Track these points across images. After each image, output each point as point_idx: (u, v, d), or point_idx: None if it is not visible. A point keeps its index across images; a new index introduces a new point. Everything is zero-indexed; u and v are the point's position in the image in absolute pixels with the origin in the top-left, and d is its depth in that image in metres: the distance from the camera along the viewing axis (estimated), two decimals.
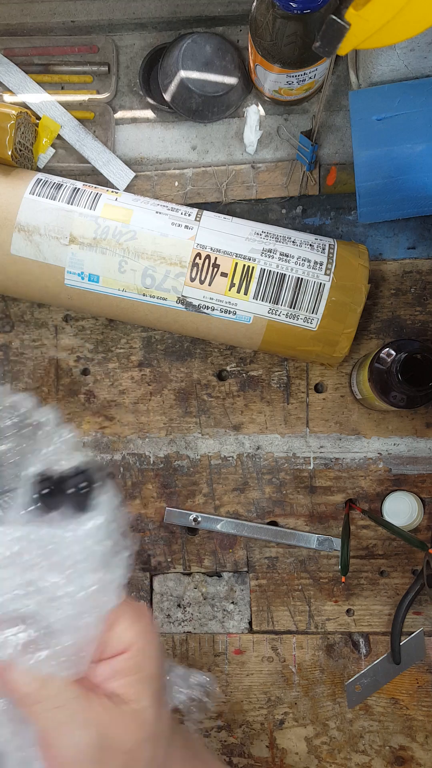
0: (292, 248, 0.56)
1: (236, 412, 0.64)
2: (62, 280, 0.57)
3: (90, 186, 0.59)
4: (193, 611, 0.64)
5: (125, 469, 0.65)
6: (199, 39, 0.61)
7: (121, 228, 0.56)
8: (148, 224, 0.56)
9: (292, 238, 0.57)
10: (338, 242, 0.58)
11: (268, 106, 0.64)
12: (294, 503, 0.64)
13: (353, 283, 0.56)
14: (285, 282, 0.55)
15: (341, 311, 0.56)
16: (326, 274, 0.56)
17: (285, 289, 0.55)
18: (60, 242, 0.56)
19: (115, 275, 0.56)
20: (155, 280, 0.56)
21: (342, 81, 0.63)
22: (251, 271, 0.55)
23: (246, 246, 0.56)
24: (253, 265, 0.55)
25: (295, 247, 0.57)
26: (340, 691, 0.63)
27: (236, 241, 0.56)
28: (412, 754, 0.62)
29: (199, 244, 0.56)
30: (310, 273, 0.56)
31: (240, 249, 0.56)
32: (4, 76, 0.64)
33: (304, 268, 0.56)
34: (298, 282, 0.55)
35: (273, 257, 0.56)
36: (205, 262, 0.55)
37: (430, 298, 0.63)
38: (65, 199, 0.57)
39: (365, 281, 0.56)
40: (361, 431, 0.64)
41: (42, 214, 0.56)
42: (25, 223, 0.56)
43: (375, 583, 0.63)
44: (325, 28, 0.43)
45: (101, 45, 0.65)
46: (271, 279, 0.55)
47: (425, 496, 0.63)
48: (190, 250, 0.56)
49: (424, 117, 0.58)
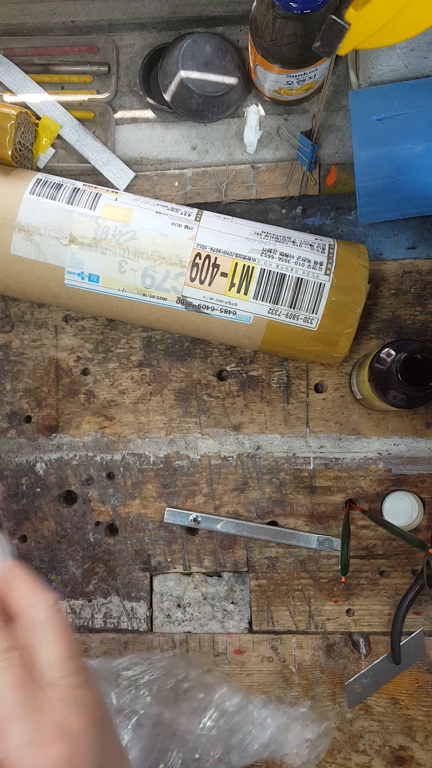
0: (292, 248, 0.56)
1: (236, 412, 0.64)
2: (62, 280, 0.57)
3: (90, 186, 0.59)
4: (193, 611, 0.64)
5: (125, 469, 0.65)
6: (199, 39, 0.61)
7: (121, 228, 0.56)
8: (148, 224, 0.56)
9: (292, 238, 0.57)
10: (338, 242, 0.58)
11: (268, 106, 0.64)
12: (294, 503, 0.64)
13: (353, 283, 0.56)
14: (285, 282, 0.55)
15: (341, 311, 0.56)
16: (326, 274, 0.55)
17: (285, 289, 0.55)
18: (60, 242, 0.56)
19: (115, 275, 0.56)
20: (155, 280, 0.56)
21: (342, 81, 0.63)
22: (251, 271, 0.55)
23: (246, 246, 0.56)
24: (253, 265, 0.55)
25: (295, 247, 0.56)
26: (339, 691, 0.63)
27: (236, 241, 0.56)
28: (412, 754, 0.62)
29: (199, 244, 0.56)
30: (310, 273, 0.55)
31: (240, 249, 0.56)
32: (4, 76, 0.64)
33: (304, 268, 0.55)
34: (298, 282, 0.55)
35: (273, 257, 0.56)
36: (205, 262, 0.55)
37: (430, 298, 0.63)
38: (65, 199, 0.57)
39: (365, 281, 0.56)
40: (361, 431, 0.64)
41: (42, 214, 0.56)
42: (25, 223, 0.56)
43: (375, 583, 0.63)
44: (325, 28, 0.43)
45: (101, 45, 0.65)
46: (271, 279, 0.55)
47: (425, 496, 0.63)
48: (190, 250, 0.56)
49: (424, 117, 0.58)
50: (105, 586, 0.65)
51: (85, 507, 0.65)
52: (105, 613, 0.65)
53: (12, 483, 0.66)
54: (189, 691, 0.55)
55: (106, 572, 0.65)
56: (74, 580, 0.65)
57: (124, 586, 0.65)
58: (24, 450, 0.66)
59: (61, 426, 0.66)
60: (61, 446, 0.66)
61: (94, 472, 0.65)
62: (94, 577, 0.65)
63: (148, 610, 0.64)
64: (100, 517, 0.65)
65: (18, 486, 0.66)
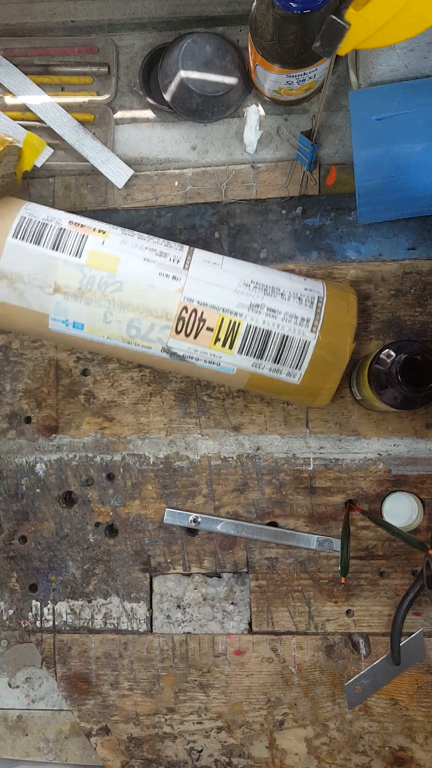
0: (279, 302, 0.55)
1: (236, 412, 0.64)
2: (47, 325, 0.56)
3: (76, 225, 0.56)
4: (193, 612, 0.64)
5: (125, 469, 0.65)
6: (199, 39, 0.61)
7: (107, 278, 0.54)
8: (134, 274, 0.54)
9: (281, 290, 0.56)
10: (328, 290, 0.57)
11: (268, 106, 0.64)
12: (294, 504, 0.64)
13: (339, 340, 0.55)
14: (270, 338, 0.54)
15: (325, 368, 0.55)
16: (312, 331, 0.55)
17: (270, 346, 0.55)
18: (44, 291, 0.54)
19: (99, 324, 0.55)
20: (140, 331, 0.55)
21: (342, 81, 0.63)
22: (237, 327, 0.54)
23: (234, 299, 0.55)
24: (240, 321, 0.54)
25: (283, 300, 0.55)
26: (339, 691, 0.63)
27: (224, 294, 0.55)
28: (411, 755, 0.62)
29: (186, 297, 0.54)
30: (297, 330, 0.55)
31: (227, 303, 0.54)
32: (4, 78, 0.64)
33: (291, 324, 0.55)
34: (284, 339, 0.55)
35: (260, 312, 0.54)
36: (192, 315, 0.54)
37: (430, 298, 0.63)
38: (50, 244, 0.54)
39: (352, 338, 0.56)
40: (360, 432, 0.64)
41: (25, 261, 0.54)
42: (8, 270, 0.54)
43: (375, 584, 0.63)
44: (325, 28, 0.43)
45: (101, 45, 0.65)
46: (257, 335, 0.54)
47: (425, 497, 0.63)
48: (176, 303, 0.54)
49: (424, 117, 0.58)
50: (105, 586, 0.65)
51: (85, 508, 0.65)
52: (105, 614, 0.65)
53: (12, 483, 0.66)
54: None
55: (106, 573, 0.65)
56: (74, 581, 0.65)
57: (124, 586, 0.65)
58: (24, 451, 0.66)
59: (61, 427, 0.66)
60: (61, 447, 0.66)
61: (94, 473, 0.65)
62: (94, 578, 0.65)
63: (148, 610, 0.64)
64: (100, 517, 0.65)
65: (18, 486, 0.66)
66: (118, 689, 0.64)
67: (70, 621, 0.65)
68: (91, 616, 0.65)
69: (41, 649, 0.65)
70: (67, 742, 0.66)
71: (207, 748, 0.64)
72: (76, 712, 0.64)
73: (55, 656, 0.65)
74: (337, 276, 0.64)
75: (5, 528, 0.66)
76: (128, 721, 0.64)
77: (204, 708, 0.64)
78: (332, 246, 0.64)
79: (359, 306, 0.63)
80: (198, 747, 0.64)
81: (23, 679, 0.66)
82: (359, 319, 0.63)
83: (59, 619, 0.65)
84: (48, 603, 0.65)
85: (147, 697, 0.64)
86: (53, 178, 0.66)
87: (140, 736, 0.64)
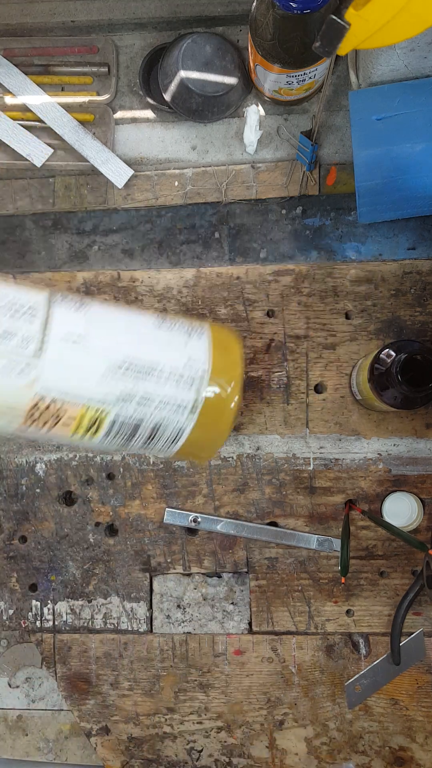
0: (155, 385, 0.46)
1: None
2: None
3: None
4: (193, 612, 0.64)
5: (125, 469, 0.65)
6: (199, 39, 0.61)
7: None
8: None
9: (160, 367, 0.46)
10: (213, 364, 0.48)
11: (268, 106, 0.64)
12: (294, 504, 0.64)
13: (217, 424, 0.48)
14: (140, 428, 0.47)
15: (199, 449, 0.50)
16: (190, 415, 0.47)
17: (138, 435, 0.47)
18: None
19: None
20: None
21: (342, 81, 0.63)
22: (102, 419, 0.46)
23: (100, 390, 0.45)
24: (105, 413, 0.46)
25: (160, 383, 0.46)
26: (339, 691, 0.63)
27: (88, 383, 0.45)
28: (411, 755, 0.62)
29: (39, 392, 0.44)
30: (171, 418, 0.47)
31: (91, 393, 0.45)
32: (4, 78, 0.64)
33: (165, 412, 0.47)
34: (155, 427, 0.47)
35: (131, 401, 0.46)
36: (47, 410, 0.44)
37: (430, 298, 0.63)
38: None
39: (232, 422, 0.49)
40: (360, 432, 0.64)
41: None
42: None
43: (375, 584, 0.63)
44: (325, 28, 0.43)
45: (101, 45, 0.65)
46: (125, 426, 0.46)
47: (425, 497, 0.63)
48: (26, 399, 0.44)
49: (424, 117, 0.58)
50: (105, 586, 0.65)
51: (85, 507, 0.65)
52: (105, 614, 0.65)
53: (12, 483, 0.66)
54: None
55: (106, 573, 0.65)
56: (74, 581, 0.65)
57: (124, 586, 0.65)
58: (24, 450, 0.66)
59: None
60: (61, 447, 0.66)
61: (93, 473, 0.65)
62: (94, 578, 0.65)
63: (148, 610, 0.64)
64: (100, 517, 0.65)
65: (18, 486, 0.66)
66: (118, 689, 0.64)
67: (70, 621, 0.65)
68: (91, 616, 0.65)
69: (41, 649, 0.65)
70: (67, 742, 0.66)
71: (207, 748, 0.64)
72: (76, 712, 0.64)
73: (55, 656, 0.65)
74: (337, 276, 0.64)
75: (5, 528, 0.66)
76: (128, 721, 0.64)
77: (204, 708, 0.64)
78: (332, 246, 0.64)
79: (359, 306, 0.63)
80: (198, 747, 0.64)
81: (23, 679, 0.66)
82: (360, 318, 0.63)
83: (59, 619, 0.65)
84: (48, 603, 0.65)
85: (147, 697, 0.64)
86: (53, 178, 0.66)
87: (140, 736, 0.64)
